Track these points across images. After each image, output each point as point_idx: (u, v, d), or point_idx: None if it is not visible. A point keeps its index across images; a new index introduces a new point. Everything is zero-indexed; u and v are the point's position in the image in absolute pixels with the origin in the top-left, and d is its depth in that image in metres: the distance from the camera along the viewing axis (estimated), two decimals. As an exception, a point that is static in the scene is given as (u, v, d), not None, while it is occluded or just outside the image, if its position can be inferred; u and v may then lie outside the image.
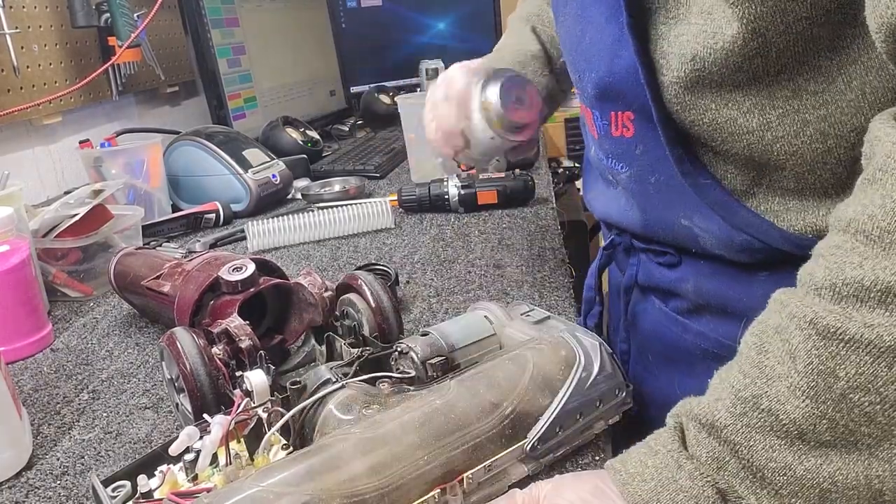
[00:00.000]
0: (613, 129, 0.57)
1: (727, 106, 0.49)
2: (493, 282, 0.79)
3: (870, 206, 0.35)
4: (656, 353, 0.67)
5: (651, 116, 0.52)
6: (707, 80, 0.48)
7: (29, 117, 1.21)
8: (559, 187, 2.36)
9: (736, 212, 0.52)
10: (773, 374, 0.37)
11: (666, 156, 0.53)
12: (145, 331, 0.77)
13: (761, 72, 0.46)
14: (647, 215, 0.60)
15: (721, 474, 0.39)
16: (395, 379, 0.50)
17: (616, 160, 0.59)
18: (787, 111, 0.47)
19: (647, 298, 0.68)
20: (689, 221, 0.56)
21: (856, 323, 0.34)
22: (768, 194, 0.52)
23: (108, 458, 0.54)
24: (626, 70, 0.52)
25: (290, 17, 1.77)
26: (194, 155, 1.19)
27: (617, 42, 0.52)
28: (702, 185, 0.53)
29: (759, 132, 0.48)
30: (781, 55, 0.45)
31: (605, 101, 0.56)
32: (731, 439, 0.39)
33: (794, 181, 0.50)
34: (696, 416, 0.41)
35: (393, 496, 0.39)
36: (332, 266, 0.91)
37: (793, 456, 0.37)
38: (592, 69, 0.56)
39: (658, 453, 0.41)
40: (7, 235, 0.73)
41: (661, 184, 0.56)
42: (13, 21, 1.16)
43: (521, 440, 0.45)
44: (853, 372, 0.34)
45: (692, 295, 0.61)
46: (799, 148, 0.48)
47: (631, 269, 0.68)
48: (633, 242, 0.66)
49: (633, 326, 0.70)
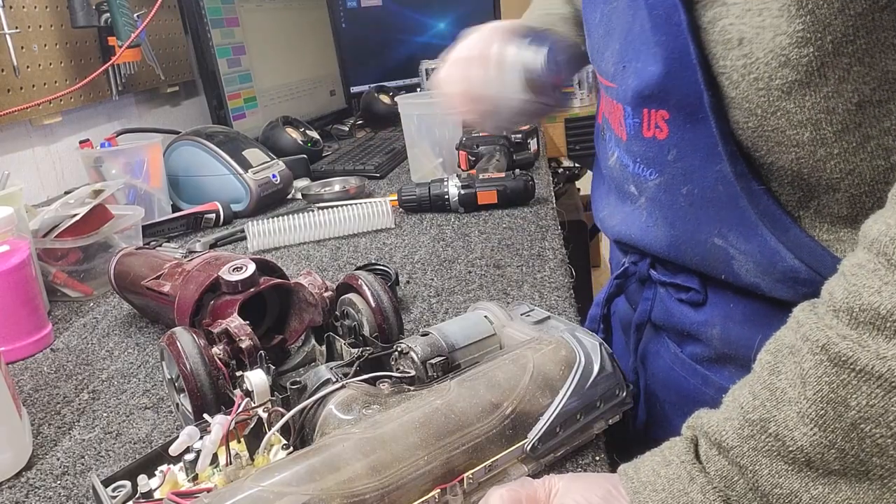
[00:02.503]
0: (645, 128, 0.52)
1: (775, 115, 0.43)
2: (493, 282, 0.79)
3: (893, 226, 0.34)
4: (670, 404, 0.61)
5: (690, 118, 0.47)
6: (755, 75, 0.43)
7: (29, 117, 1.21)
8: (559, 187, 2.36)
9: (787, 228, 0.46)
10: (784, 397, 0.36)
11: (703, 164, 0.48)
12: (145, 331, 0.77)
13: (816, 73, 0.41)
14: (676, 231, 0.53)
15: (730, 492, 0.38)
16: (396, 379, 0.50)
17: (645, 166, 0.54)
18: (848, 125, 0.42)
19: (661, 340, 0.61)
20: (724, 241, 0.50)
21: (869, 353, 0.33)
22: (816, 220, 0.46)
23: (108, 458, 0.54)
24: (679, 55, 0.46)
25: (290, 17, 1.77)
26: (194, 155, 1.19)
27: (668, 25, 0.46)
28: (755, 192, 0.46)
29: (811, 146, 0.43)
30: (840, 48, 0.40)
31: (644, 95, 0.51)
32: (737, 461, 0.38)
33: (847, 206, 0.45)
34: (705, 432, 0.40)
35: (393, 496, 0.39)
36: (332, 266, 0.91)
37: (799, 483, 0.36)
38: (640, 58, 0.50)
39: (671, 463, 0.40)
40: (7, 235, 0.73)
41: (695, 195, 0.50)
42: (13, 21, 1.16)
43: (521, 440, 0.45)
44: (864, 403, 0.33)
45: (717, 342, 0.55)
46: (857, 166, 0.43)
47: (645, 304, 0.62)
48: (651, 273, 0.60)
49: (643, 368, 0.64)
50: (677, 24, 0.45)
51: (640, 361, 0.64)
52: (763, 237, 0.47)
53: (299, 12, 1.81)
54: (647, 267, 0.60)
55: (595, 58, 0.60)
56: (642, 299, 0.62)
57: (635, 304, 0.64)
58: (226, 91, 1.47)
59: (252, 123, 1.54)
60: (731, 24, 0.43)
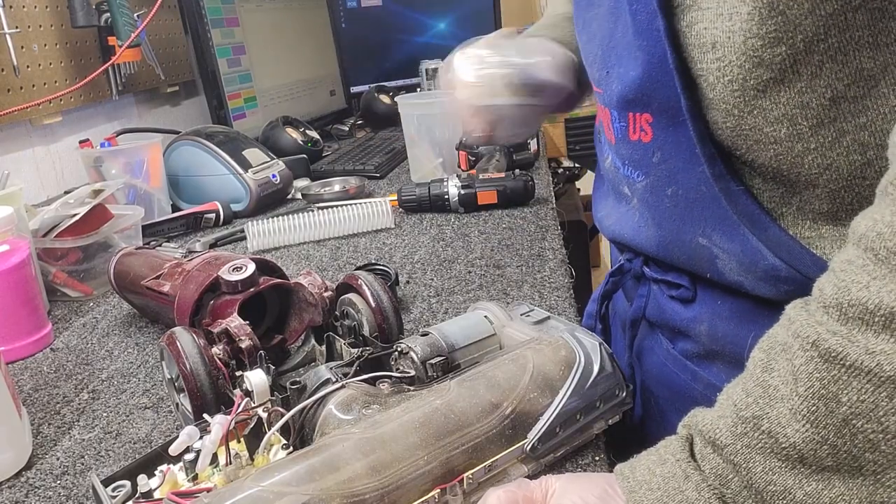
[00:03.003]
0: (631, 132, 0.53)
1: (751, 113, 0.45)
2: (493, 282, 0.79)
3: (879, 222, 0.34)
4: (664, 399, 0.62)
5: (671, 120, 0.49)
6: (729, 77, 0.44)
7: (29, 117, 1.21)
8: (559, 187, 2.36)
9: (766, 227, 0.48)
10: (776, 395, 0.36)
11: (685, 166, 0.49)
12: (145, 331, 0.77)
13: (790, 69, 0.42)
14: (663, 231, 0.55)
15: (725, 490, 0.39)
16: (395, 379, 0.50)
17: (632, 168, 0.55)
18: (823, 120, 0.43)
19: (655, 336, 0.62)
20: (708, 240, 0.51)
21: (858, 348, 0.33)
22: (798, 217, 0.47)
23: (108, 457, 0.54)
24: (658, 60, 0.47)
25: (290, 17, 1.77)
26: (194, 155, 1.19)
27: (648, 31, 0.47)
28: (733, 193, 0.48)
29: (789, 142, 0.44)
30: (812, 47, 0.41)
31: (627, 99, 0.52)
32: (731, 459, 0.38)
33: (827, 201, 0.46)
34: (700, 430, 0.40)
35: (393, 496, 0.39)
36: (332, 266, 0.91)
37: (793, 479, 0.36)
38: (622, 63, 0.52)
39: (667, 462, 0.40)
40: (7, 235, 0.73)
41: (679, 196, 0.51)
42: (13, 21, 1.16)
43: (521, 440, 0.45)
44: (855, 398, 0.33)
45: (705, 338, 0.56)
46: (834, 160, 0.44)
47: (639, 301, 0.63)
48: (645, 270, 0.61)
49: (638, 364, 0.65)
50: (657, 30, 0.46)
51: (636, 357, 0.65)
52: (744, 236, 0.48)
53: (299, 12, 1.81)
54: (641, 264, 0.61)
55: (585, 63, 0.62)
56: (637, 296, 0.63)
57: (631, 300, 0.65)
58: (226, 91, 1.47)
59: (252, 123, 1.54)
60: (705, 28, 0.44)
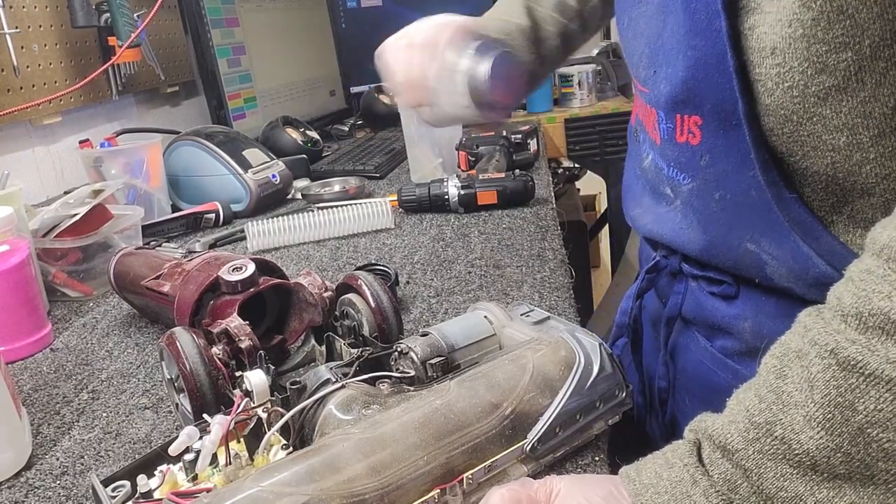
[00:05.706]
0: (678, 134, 0.52)
1: (811, 120, 0.43)
2: (493, 282, 0.79)
3: None
4: (699, 399, 0.61)
5: (723, 124, 0.47)
6: (790, 83, 0.43)
7: (29, 117, 1.21)
8: (559, 187, 2.37)
9: (818, 235, 0.46)
10: (790, 401, 0.36)
11: (735, 170, 0.48)
12: (145, 331, 0.77)
13: (853, 77, 0.41)
14: (709, 235, 0.53)
15: (734, 495, 0.38)
16: (395, 379, 0.50)
17: (678, 170, 0.54)
18: (885, 130, 0.42)
19: (690, 334, 0.61)
20: (757, 246, 0.50)
21: (878, 357, 0.33)
22: (850, 225, 0.46)
23: (107, 458, 0.54)
24: (715, 61, 0.46)
25: (290, 17, 1.77)
26: (194, 155, 1.19)
27: (707, 31, 0.46)
28: (785, 200, 0.46)
29: (847, 151, 0.43)
30: (878, 52, 0.40)
31: (676, 100, 0.51)
32: (742, 464, 0.38)
33: (881, 211, 0.45)
34: (710, 435, 0.40)
35: (393, 496, 0.39)
36: (332, 266, 0.91)
37: (804, 486, 0.36)
38: (671, 63, 0.50)
39: (674, 466, 0.40)
40: (7, 235, 0.73)
41: (727, 201, 0.50)
42: (13, 21, 1.16)
43: (520, 440, 0.45)
44: (872, 407, 0.33)
45: (749, 335, 0.54)
46: (893, 170, 0.43)
47: (675, 298, 0.61)
48: (683, 266, 0.60)
49: (671, 364, 0.64)
50: (717, 31, 0.45)
51: (670, 356, 0.64)
52: (795, 243, 0.47)
53: (299, 12, 1.81)
54: (679, 261, 0.60)
55: (628, 62, 0.60)
56: (673, 293, 0.62)
57: (665, 298, 0.64)
58: (226, 91, 1.47)
59: (252, 123, 1.54)
60: (765, 32, 0.43)
